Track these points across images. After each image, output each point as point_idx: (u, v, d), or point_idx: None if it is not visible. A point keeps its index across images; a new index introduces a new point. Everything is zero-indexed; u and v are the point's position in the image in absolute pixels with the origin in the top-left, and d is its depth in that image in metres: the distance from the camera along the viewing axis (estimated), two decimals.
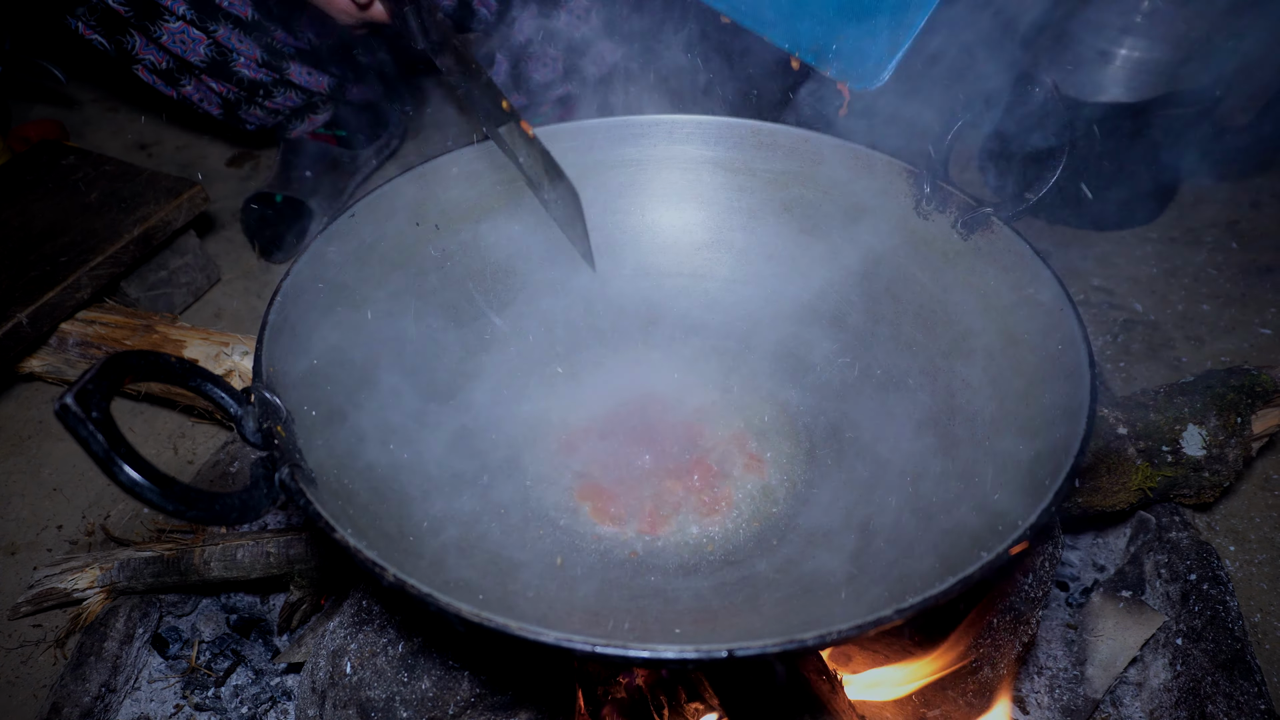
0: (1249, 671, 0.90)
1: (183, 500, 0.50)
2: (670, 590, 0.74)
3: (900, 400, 0.85)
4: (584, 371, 0.95)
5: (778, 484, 0.84)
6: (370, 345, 0.81)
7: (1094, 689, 0.94)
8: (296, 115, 1.64)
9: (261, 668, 0.99)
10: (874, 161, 0.91)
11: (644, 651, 0.50)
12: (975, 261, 0.83)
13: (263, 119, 1.60)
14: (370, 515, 0.66)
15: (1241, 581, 1.09)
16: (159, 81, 1.49)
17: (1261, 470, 1.22)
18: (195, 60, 1.43)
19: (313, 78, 1.57)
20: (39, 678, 1.00)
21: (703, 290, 1.01)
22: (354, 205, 0.83)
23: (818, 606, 0.68)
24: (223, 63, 1.45)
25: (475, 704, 0.75)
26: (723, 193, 1.00)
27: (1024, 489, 0.64)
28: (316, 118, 1.67)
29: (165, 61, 1.45)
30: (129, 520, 1.17)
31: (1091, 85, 1.50)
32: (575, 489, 0.84)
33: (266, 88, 1.53)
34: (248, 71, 1.48)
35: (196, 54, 1.43)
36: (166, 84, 1.50)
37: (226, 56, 1.45)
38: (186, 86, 1.51)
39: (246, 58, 1.47)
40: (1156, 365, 1.41)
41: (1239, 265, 1.61)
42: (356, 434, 0.73)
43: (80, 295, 1.24)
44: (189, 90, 1.51)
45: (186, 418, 1.32)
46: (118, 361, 0.51)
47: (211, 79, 1.48)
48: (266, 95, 1.54)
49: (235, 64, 1.46)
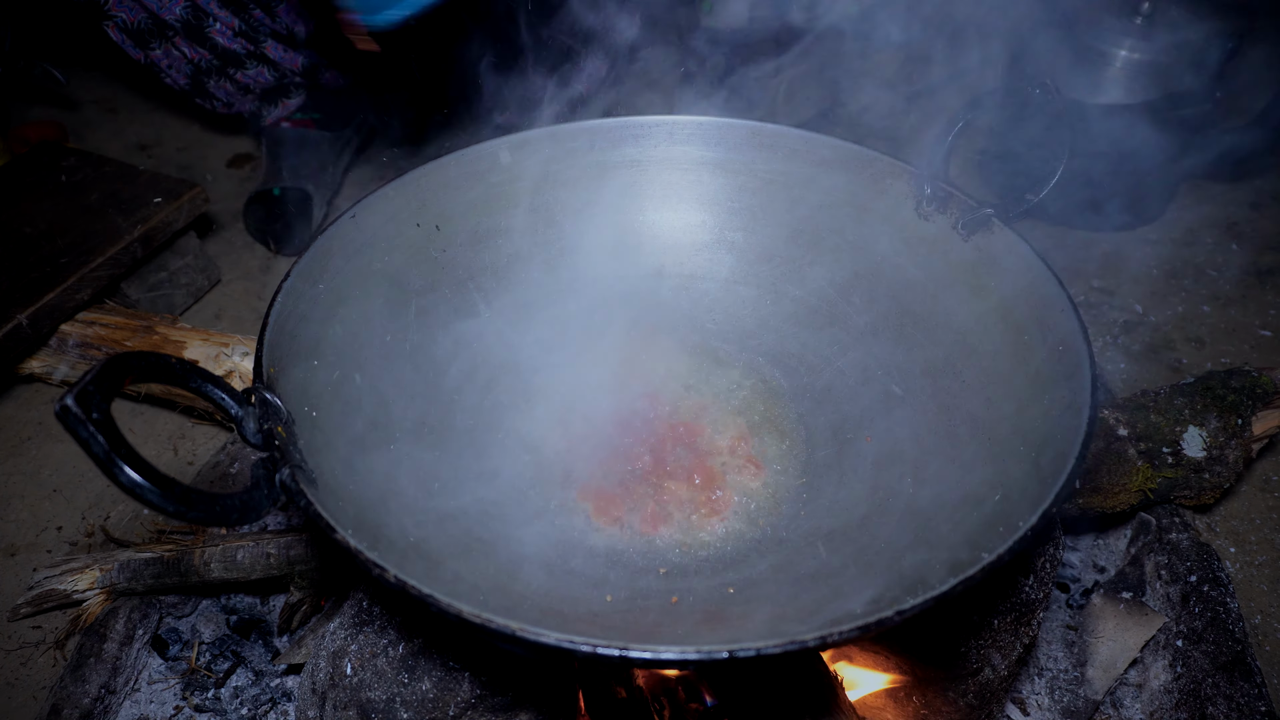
0: (1249, 673, 0.90)
1: (183, 501, 0.50)
2: (670, 591, 0.74)
3: (900, 401, 0.85)
4: (584, 372, 0.95)
5: (778, 485, 0.84)
6: (371, 346, 0.81)
7: (1094, 690, 0.94)
8: (268, 98, 1.62)
9: (261, 669, 0.99)
10: (875, 162, 0.91)
11: (645, 652, 0.50)
12: (976, 262, 0.83)
13: (231, 96, 1.57)
14: (371, 516, 0.66)
15: (1242, 583, 1.09)
16: (128, 42, 1.46)
17: (1262, 472, 1.22)
18: (170, 19, 1.41)
19: (288, 55, 1.56)
20: (38, 679, 1.00)
21: (703, 291, 1.01)
22: (354, 206, 0.83)
23: (819, 607, 0.68)
24: (197, 26, 1.43)
25: (476, 705, 0.75)
26: (723, 193, 1.00)
27: (1025, 489, 0.64)
28: (289, 102, 1.65)
29: (138, 20, 1.42)
30: (129, 521, 1.17)
31: (1091, 86, 1.50)
32: (576, 490, 0.84)
33: (239, 59, 1.51)
34: (222, 39, 1.46)
35: (172, 12, 1.40)
36: (136, 45, 1.47)
37: (202, 20, 1.42)
38: (156, 50, 1.47)
39: (224, 24, 1.44)
40: (1157, 366, 1.41)
41: (1239, 267, 1.61)
42: (357, 435, 0.73)
43: (80, 296, 1.24)
44: (158, 55, 1.48)
45: (186, 419, 1.32)
46: (118, 363, 0.51)
47: (185, 43, 1.45)
48: (239, 67, 1.52)
49: (210, 29, 1.44)
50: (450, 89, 1.67)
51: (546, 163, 0.96)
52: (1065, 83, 1.52)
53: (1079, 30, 1.51)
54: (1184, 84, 1.47)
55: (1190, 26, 1.49)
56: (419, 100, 1.79)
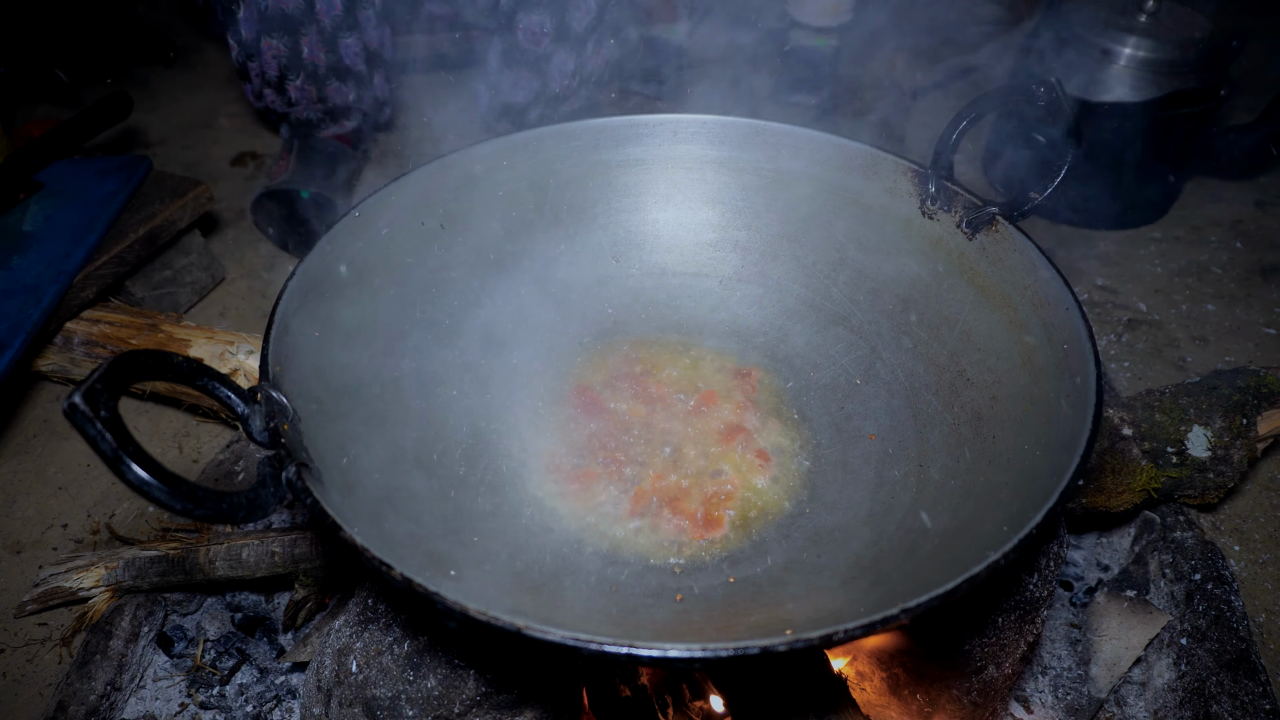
0: (1254, 671, 0.90)
1: (190, 499, 0.50)
2: (675, 589, 0.74)
3: (905, 399, 0.85)
4: (589, 370, 0.95)
5: (783, 482, 0.84)
6: (376, 343, 0.81)
7: (1098, 689, 0.94)
8: (333, 115, 1.66)
9: (266, 666, 0.99)
10: (879, 161, 0.91)
11: (650, 650, 0.50)
12: (980, 261, 0.83)
13: (303, 100, 1.60)
14: (376, 514, 0.66)
15: (1246, 581, 1.09)
16: (250, 19, 1.45)
17: (1266, 470, 1.22)
18: (327, 17, 1.44)
19: (384, 86, 1.65)
20: (45, 676, 1.00)
21: (707, 289, 1.01)
22: (359, 204, 0.83)
23: (823, 605, 0.68)
24: (333, 35, 1.47)
25: (481, 703, 0.75)
26: (726, 191, 1.00)
27: (1029, 488, 0.64)
28: (347, 123, 1.69)
29: (292, 5, 1.43)
30: (134, 519, 1.17)
31: (1096, 85, 1.50)
32: (578, 489, 0.84)
33: (346, 74, 1.55)
34: (347, 55, 1.51)
35: (333, 10, 1.44)
36: (261, 28, 1.46)
37: (340, 33, 1.47)
38: (272, 38, 1.47)
39: (359, 40, 1.49)
40: (1161, 365, 1.41)
41: (1243, 265, 1.61)
42: (363, 432, 0.73)
43: (85, 294, 1.25)
44: (270, 44, 1.48)
45: (191, 417, 1.33)
46: (125, 361, 0.51)
47: (312, 44, 1.48)
48: (340, 80, 1.56)
49: (344, 40, 1.48)
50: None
51: (550, 161, 0.97)
52: (1070, 81, 1.52)
53: (1084, 28, 1.51)
54: (1189, 82, 1.47)
55: (1195, 24, 1.49)
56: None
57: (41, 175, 1.36)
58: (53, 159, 1.39)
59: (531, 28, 1.53)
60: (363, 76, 1.59)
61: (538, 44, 1.54)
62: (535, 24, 1.52)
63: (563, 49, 1.56)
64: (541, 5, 1.50)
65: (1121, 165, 1.57)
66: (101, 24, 1.93)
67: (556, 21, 1.51)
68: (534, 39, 1.54)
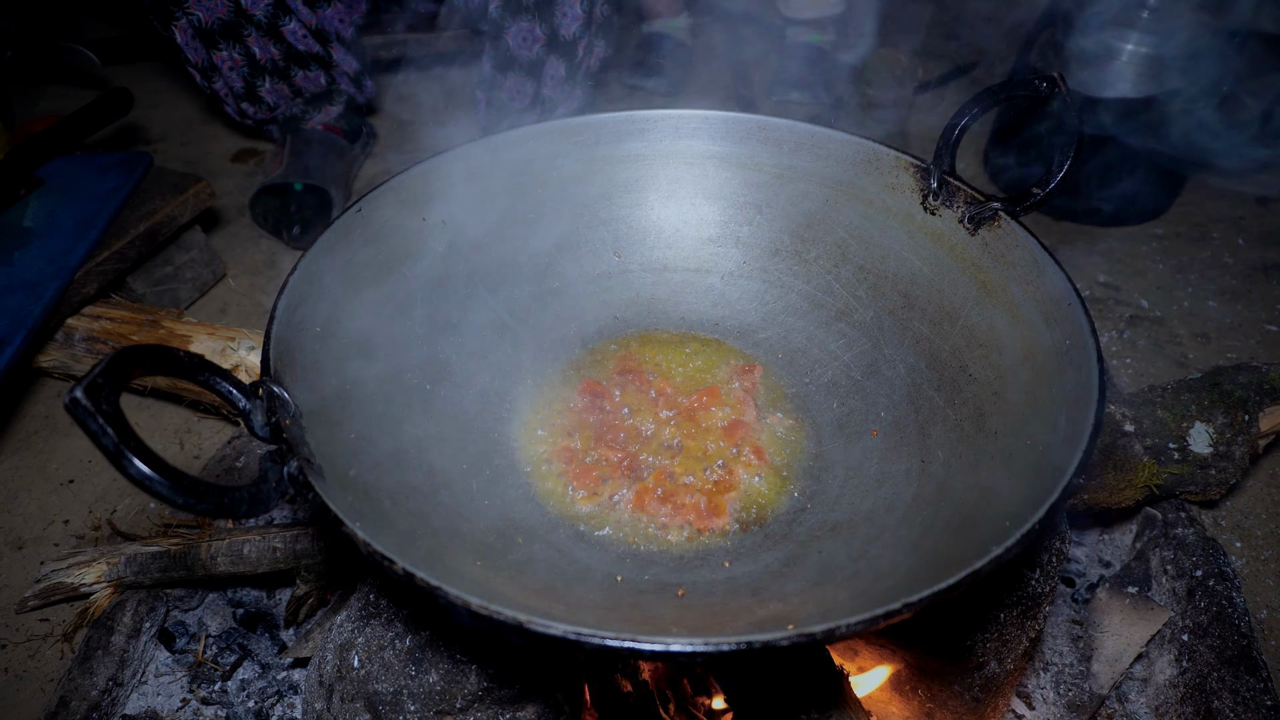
0: (1255, 667, 0.90)
1: (192, 494, 0.50)
2: (676, 584, 0.74)
3: (907, 395, 0.85)
4: (591, 366, 0.95)
5: (785, 477, 0.84)
6: (377, 338, 0.81)
7: (1100, 685, 0.94)
8: (314, 103, 1.66)
9: (268, 662, 0.99)
10: (881, 156, 0.91)
11: (652, 644, 0.50)
12: (982, 256, 0.83)
13: (280, 99, 1.60)
14: (378, 508, 0.66)
15: (1248, 578, 1.09)
16: (193, 43, 1.47)
17: (1268, 467, 1.22)
18: (256, 12, 1.44)
19: (346, 58, 1.61)
20: (47, 671, 1.00)
21: (708, 285, 1.01)
22: (360, 200, 0.83)
23: (825, 600, 0.68)
24: (274, 24, 1.47)
25: (483, 697, 0.75)
26: (728, 187, 1.00)
27: (1031, 484, 0.64)
28: (332, 109, 1.69)
29: (214, 18, 1.43)
30: (135, 515, 1.17)
31: (1098, 80, 1.50)
32: (581, 484, 0.84)
33: (304, 60, 1.55)
34: (294, 39, 1.50)
35: (258, 6, 1.44)
36: (203, 44, 1.48)
37: (279, 19, 1.47)
38: (222, 51, 1.49)
39: (300, 22, 1.48)
40: (1163, 361, 1.41)
41: (1246, 261, 1.61)
42: (364, 427, 0.73)
43: (86, 290, 1.25)
44: (222, 56, 1.50)
45: (193, 413, 1.33)
46: (127, 356, 0.51)
47: (259, 40, 1.48)
48: (302, 68, 1.56)
49: (285, 27, 1.48)
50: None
51: (552, 157, 0.96)
52: (1073, 77, 1.51)
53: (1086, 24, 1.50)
54: (1191, 78, 1.47)
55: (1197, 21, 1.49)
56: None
57: (42, 171, 1.36)
58: (53, 155, 1.39)
59: (521, 33, 1.54)
60: (322, 56, 1.59)
61: (529, 49, 1.55)
62: (525, 29, 1.54)
63: (554, 54, 1.57)
64: (528, 11, 1.51)
65: (1124, 161, 1.56)
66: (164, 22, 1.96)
67: (546, 27, 1.53)
68: (525, 44, 1.55)
